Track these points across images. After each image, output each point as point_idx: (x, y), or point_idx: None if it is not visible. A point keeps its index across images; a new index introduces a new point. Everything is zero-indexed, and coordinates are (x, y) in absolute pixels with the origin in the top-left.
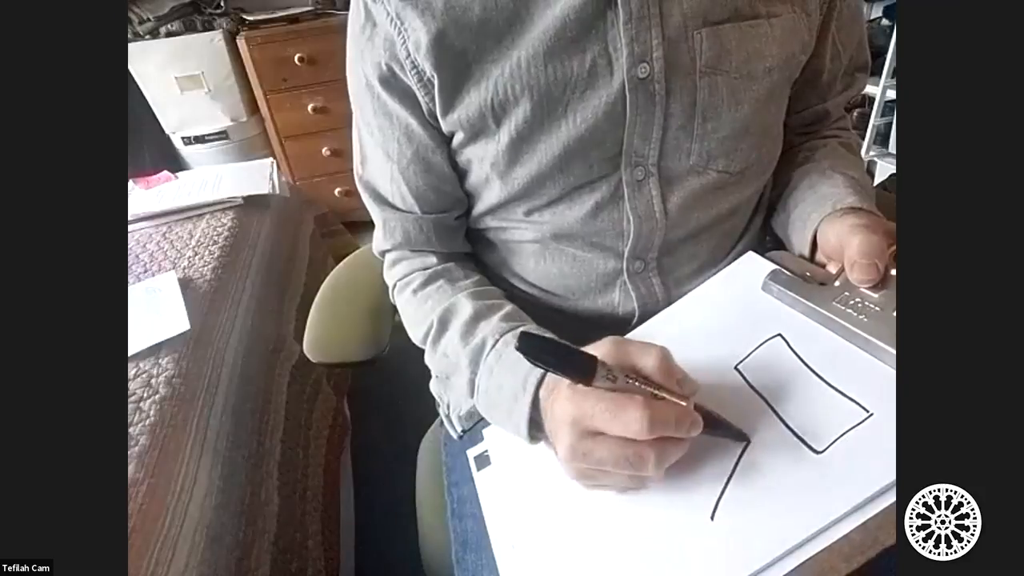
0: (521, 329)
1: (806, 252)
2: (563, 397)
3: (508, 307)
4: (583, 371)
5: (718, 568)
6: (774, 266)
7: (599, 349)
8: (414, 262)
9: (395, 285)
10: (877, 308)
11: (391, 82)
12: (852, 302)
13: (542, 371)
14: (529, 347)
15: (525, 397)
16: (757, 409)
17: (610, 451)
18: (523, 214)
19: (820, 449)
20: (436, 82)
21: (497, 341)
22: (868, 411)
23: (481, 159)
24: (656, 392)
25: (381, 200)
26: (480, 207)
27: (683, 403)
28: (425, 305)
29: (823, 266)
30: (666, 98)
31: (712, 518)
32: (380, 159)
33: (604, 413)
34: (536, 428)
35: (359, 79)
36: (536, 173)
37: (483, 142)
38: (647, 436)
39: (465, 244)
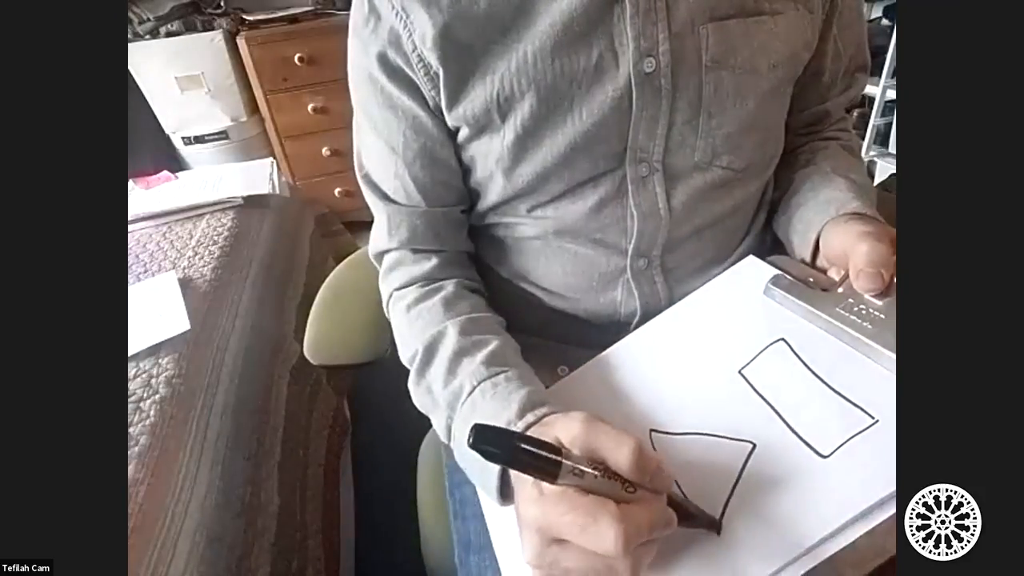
0: (475, 422)
1: (808, 256)
2: (527, 497)
3: (494, 344)
4: (546, 470)
5: (725, 575)
6: (775, 270)
7: (568, 429)
8: (412, 269)
9: (390, 296)
10: (881, 315)
11: (397, 74)
12: (856, 309)
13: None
14: (484, 444)
15: (492, 472)
16: (762, 414)
17: (578, 562)
18: (526, 211)
19: (826, 453)
20: (442, 76)
21: (474, 388)
22: (874, 418)
23: (486, 155)
24: (627, 488)
25: (384, 196)
26: (483, 204)
27: (657, 500)
28: (415, 325)
29: (824, 271)
30: (672, 93)
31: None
32: (383, 154)
33: (573, 526)
34: (509, 497)
35: (362, 73)
36: (541, 169)
37: (488, 138)
38: (621, 554)
39: (468, 242)
